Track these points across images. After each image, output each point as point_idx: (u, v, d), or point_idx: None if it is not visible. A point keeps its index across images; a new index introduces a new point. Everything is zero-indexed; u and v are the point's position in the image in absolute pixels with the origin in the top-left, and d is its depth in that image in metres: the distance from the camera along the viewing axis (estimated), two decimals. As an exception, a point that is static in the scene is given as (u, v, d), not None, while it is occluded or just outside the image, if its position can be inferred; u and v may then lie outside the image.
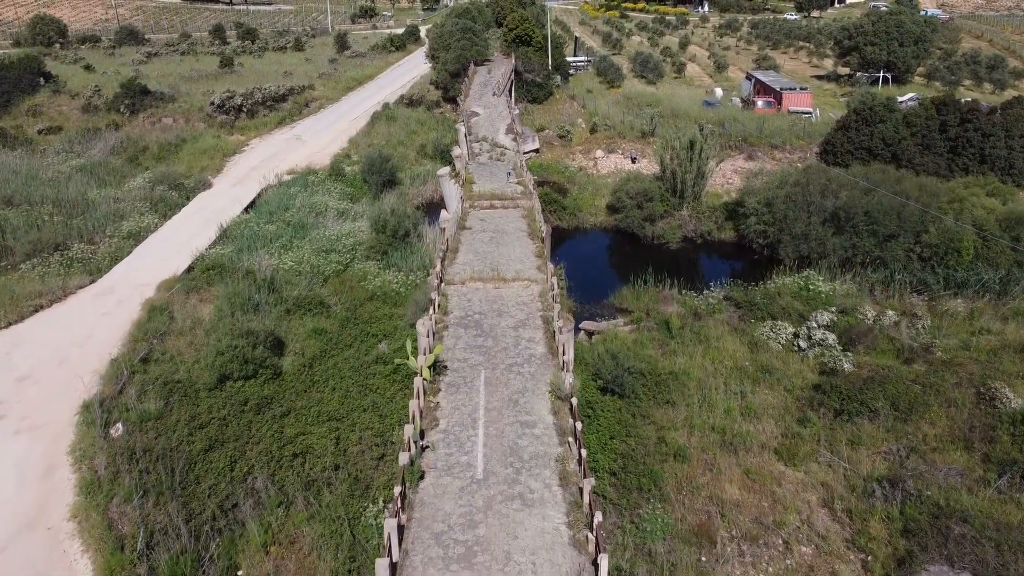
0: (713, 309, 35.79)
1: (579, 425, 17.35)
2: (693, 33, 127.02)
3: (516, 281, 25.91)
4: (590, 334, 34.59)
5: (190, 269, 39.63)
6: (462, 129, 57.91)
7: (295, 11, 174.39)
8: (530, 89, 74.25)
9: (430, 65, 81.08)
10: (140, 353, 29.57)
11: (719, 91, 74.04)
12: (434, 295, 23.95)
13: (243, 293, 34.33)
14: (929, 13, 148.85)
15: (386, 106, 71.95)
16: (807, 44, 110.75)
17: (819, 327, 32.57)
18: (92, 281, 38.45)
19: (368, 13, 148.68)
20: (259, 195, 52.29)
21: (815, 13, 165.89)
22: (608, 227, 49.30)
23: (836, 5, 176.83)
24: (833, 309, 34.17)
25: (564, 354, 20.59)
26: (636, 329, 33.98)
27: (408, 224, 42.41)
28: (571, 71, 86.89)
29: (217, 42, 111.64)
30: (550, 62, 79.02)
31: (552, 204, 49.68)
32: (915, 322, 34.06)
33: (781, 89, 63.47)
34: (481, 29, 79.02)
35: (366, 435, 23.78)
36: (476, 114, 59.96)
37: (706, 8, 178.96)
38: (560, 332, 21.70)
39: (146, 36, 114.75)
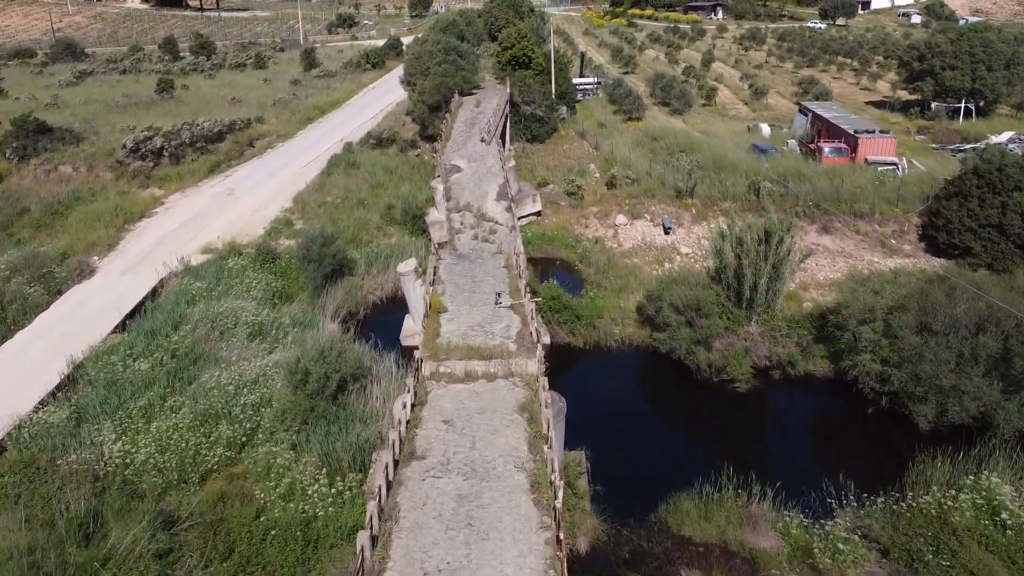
0: (843, 556, 21.11)
1: None
2: (715, 46, 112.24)
3: None
4: (636, 614, 19.91)
5: (-4, 454, 24.99)
6: (439, 189, 43.32)
7: (271, 18, 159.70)
8: (529, 125, 59.64)
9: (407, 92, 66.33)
10: None
11: (765, 128, 59.34)
12: None
13: (32, 547, 19.63)
14: (969, 21, 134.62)
15: (348, 147, 57.25)
16: (847, 60, 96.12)
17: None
18: None
19: (347, 22, 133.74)
20: (155, 290, 37.62)
21: (840, 21, 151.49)
22: (640, 345, 34.61)
23: (862, 12, 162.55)
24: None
25: None
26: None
27: (345, 370, 27.61)
28: (578, 96, 72.34)
29: (167, 57, 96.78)
30: (553, 89, 64.44)
31: (561, 312, 34.99)
32: None
33: (856, 132, 48.80)
34: (469, 49, 64.37)
35: None
36: (458, 169, 45.25)
37: (720, 15, 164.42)
38: None
39: (85, 51, 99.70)
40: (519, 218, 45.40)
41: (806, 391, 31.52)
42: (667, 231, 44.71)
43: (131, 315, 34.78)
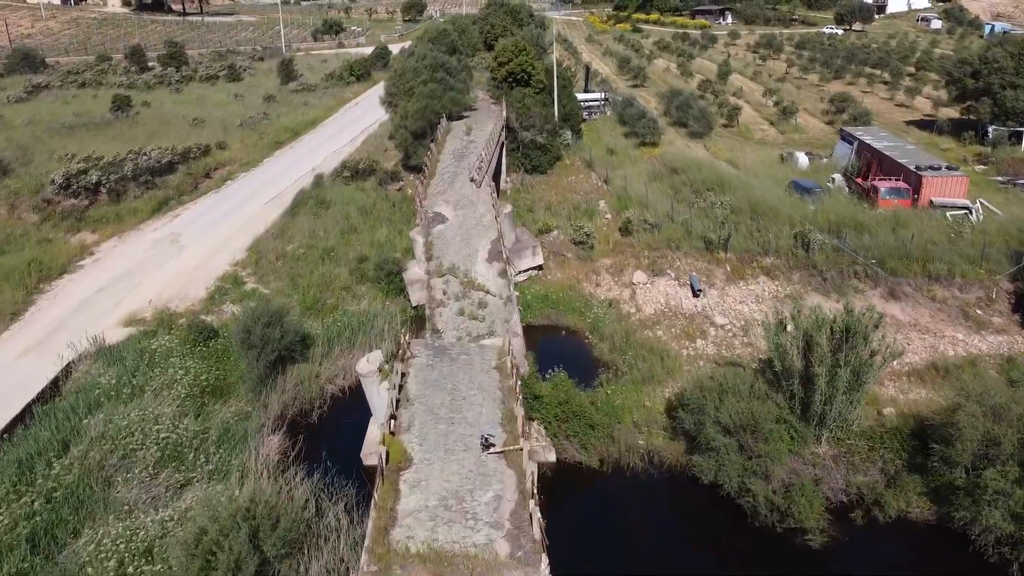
0: None
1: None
2: (729, 55, 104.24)
3: None
4: None
5: None
6: (419, 243, 35.93)
7: (256, 24, 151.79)
8: (528, 153, 51.80)
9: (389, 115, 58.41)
10: None
11: (803, 158, 51.33)
12: None
13: None
14: (997, 28, 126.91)
15: (318, 181, 49.38)
16: (876, 71, 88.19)
17: None
18: None
19: (334, 29, 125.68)
20: (56, 381, 29.71)
21: (857, 26, 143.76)
22: (673, 466, 26.61)
23: (877, 16, 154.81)
24: None
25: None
26: None
27: (270, 548, 19.58)
28: (583, 114, 64.50)
29: (134, 68, 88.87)
30: (556, 110, 56.58)
31: (568, 421, 27.03)
32: None
33: (918, 169, 40.90)
34: (459, 65, 56.41)
35: None
36: (442, 218, 37.40)
37: (729, 20, 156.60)
38: None
39: (46, 61, 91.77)
40: (517, 272, 37.68)
41: (901, 545, 23.49)
42: (696, 293, 36.75)
43: (13, 425, 26.85)
